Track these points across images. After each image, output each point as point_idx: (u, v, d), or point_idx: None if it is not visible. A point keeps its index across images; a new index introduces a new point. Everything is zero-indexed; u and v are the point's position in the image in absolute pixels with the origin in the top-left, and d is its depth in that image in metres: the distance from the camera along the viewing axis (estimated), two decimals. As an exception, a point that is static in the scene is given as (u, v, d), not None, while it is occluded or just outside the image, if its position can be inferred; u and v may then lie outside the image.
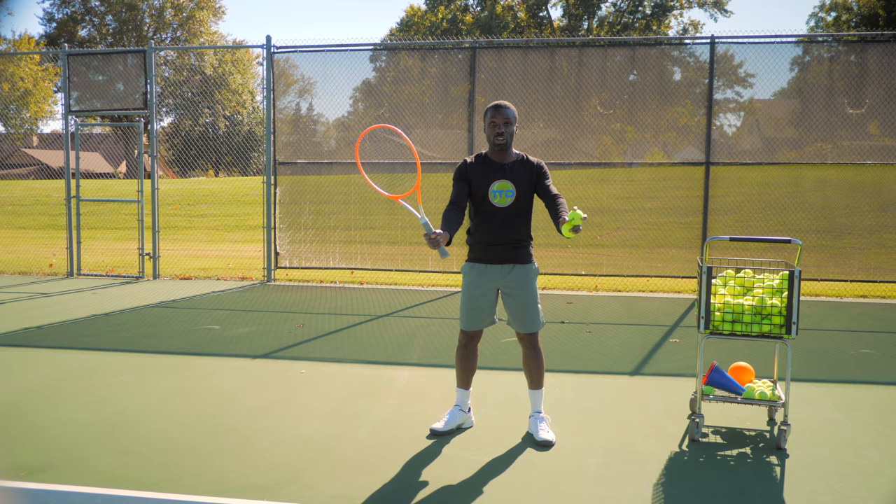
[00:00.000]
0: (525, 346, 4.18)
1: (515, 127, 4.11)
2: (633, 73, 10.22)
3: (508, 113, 4.06)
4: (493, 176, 4.07)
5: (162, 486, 3.49)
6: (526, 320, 4.11)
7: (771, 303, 4.03)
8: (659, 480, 3.62)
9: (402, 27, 48.54)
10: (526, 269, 4.11)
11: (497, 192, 4.05)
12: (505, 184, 4.05)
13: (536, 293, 4.16)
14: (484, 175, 4.07)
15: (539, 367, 4.17)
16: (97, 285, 10.13)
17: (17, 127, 39.12)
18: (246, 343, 6.62)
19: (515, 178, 4.06)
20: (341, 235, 10.61)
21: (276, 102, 10.48)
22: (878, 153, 9.65)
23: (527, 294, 4.09)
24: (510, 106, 4.09)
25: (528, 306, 4.10)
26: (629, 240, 10.60)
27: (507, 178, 4.06)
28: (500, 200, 4.05)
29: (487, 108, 4.11)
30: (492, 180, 4.06)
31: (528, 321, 4.11)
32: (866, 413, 4.70)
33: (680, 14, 47.69)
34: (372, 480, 3.59)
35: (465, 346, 4.24)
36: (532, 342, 4.16)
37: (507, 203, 4.05)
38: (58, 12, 48.33)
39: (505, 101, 4.12)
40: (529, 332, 4.13)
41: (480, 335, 4.27)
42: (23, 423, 4.40)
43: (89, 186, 12.84)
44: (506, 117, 4.04)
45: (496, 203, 4.05)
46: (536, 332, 4.17)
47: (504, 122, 4.04)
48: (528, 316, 4.10)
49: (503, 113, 4.05)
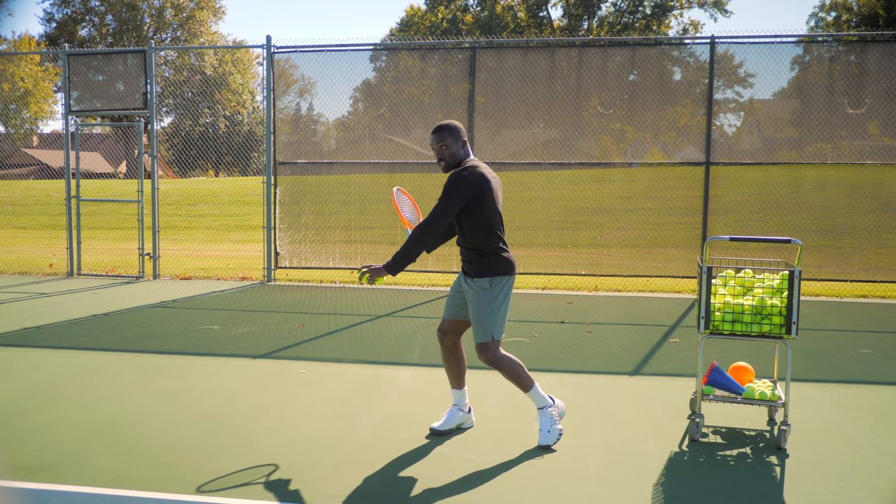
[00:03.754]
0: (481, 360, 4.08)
1: (451, 143, 4.04)
2: (633, 73, 10.22)
3: (441, 136, 4.04)
4: None
5: (163, 486, 3.50)
6: (475, 329, 4.06)
7: (771, 303, 4.03)
8: (659, 480, 3.62)
9: (402, 27, 48.53)
10: (473, 283, 4.05)
11: None
12: None
13: (484, 308, 4.00)
14: None
15: (511, 376, 4.08)
16: (97, 285, 10.13)
17: (17, 127, 39.13)
18: (246, 343, 6.62)
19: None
20: (341, 235, 10.61)
21: (276, 102, 10.48)
22: (878, 153, 9.65)
23: (473, 307, 4.05)
24: (443, 127, 4.06)
25: (474, 318, 4.05)
26: (629, 240, 10.60)
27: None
28: None
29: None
30: None
31: (476, 330, 4.05)
32: (866, 413, 4.70)
33: (680, 14, 47.71)
34: (372, 480, 3.60)
35: (442, 342, 4.25)
36: (486, 356, 4.03)
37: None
38: (58, 12, 48.34)
39: (443, 122, 4.10)
40: (478, 342, 4.05)
41: (456, 331, 4.23)
42: (23, 423, 4.40)
43: (89, 186, 12.84)
44: (440, 141, 4.05)
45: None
46: (485, 344, 4.02)
47: (439, 147, 4.06)
48: (475, 325, 4.05)
49: (434, 137, 4.07)
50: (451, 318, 4.22)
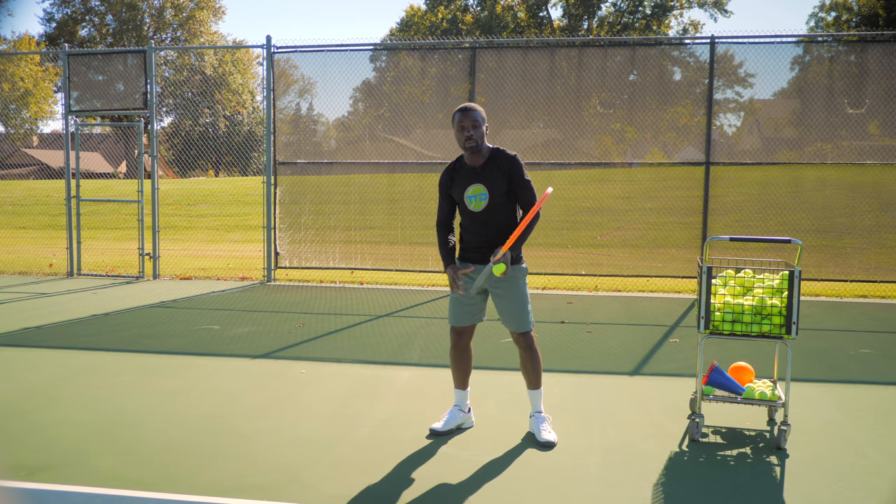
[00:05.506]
0: (519, 347, 4.17)
1: (486, 127, 4.10)
2: (633, 73, 10.21)
3: (476, 115, 4.04)
4: (468, 181, 4.08)
5: (162, 486, 3.49)
6: (514, 320, 4.11)
7: (771, 303, 4.03)
8: (659, 480, 3.62)
9: (402, 27, 48.52)
10: (516, 269, 4.09)
11: (472, 198, 4.06)
12: (478, 188, 4.05)
13: (525, 293, 4.13)
14: (459, 181, 4.11)
15: (535, 368, 4.17)
16: (97, 285, 10.13)
17: (17, 127, 39.11)
18: (246, 343, 6.62)
19: (487, 181, 4.05)
20: (341, 235, 10.61)
21: (276, 102, 10.48)
22: (878, 153, 9.65)
23: (514, 293, 4.08)
24: (477, 108, 4.08)
25: (516, 306, 4.08)
26: (629, 240, 10.60)
27: (480, 182, 4.05)
28: (476, 205, 4.06)
29: (455, 112, 4.10)
30: (466, 185, 4.08)
31: (517, 321, 4.10)
32: (866, 413, 4.70)
33: (680, 14, 47.68)
34: (372, 480, 3.59)
35: (456, 345, 4.24)
36: (526, 342, 4.14)
37: (482, 207, 4.05)
38: (58, 12, 48.32)
39: (471, 104, 4.11)
40: (519, 332, 4.12)
41: (471, 333, 4.26)
42: (23, 423, 4.40)
43: (89, 186, 12.84)
44: (473, 120, 4.03)
45: (472, 208, 4.07)
46: (528, 332, 4.14)
47: (472, 126, 4.03)
48: (515, 315, 4.10)
49: (470, 116, 4.03)
50: (473, 323, 4.24)
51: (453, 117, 4.09)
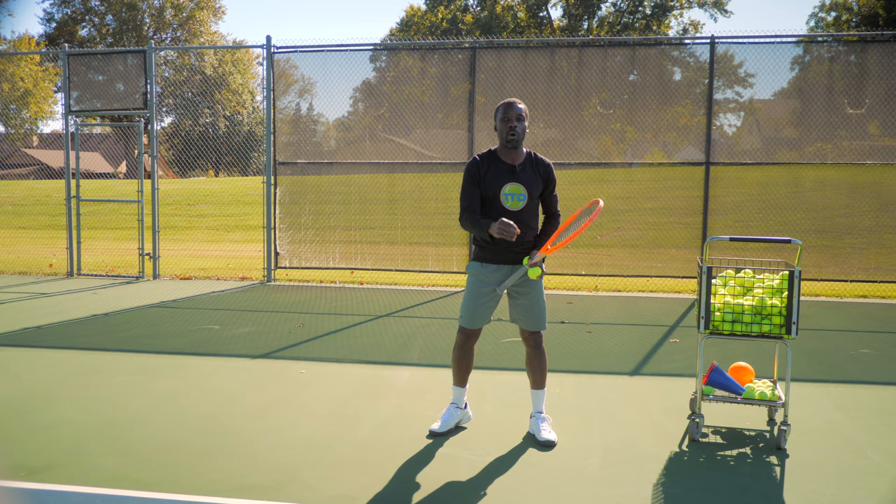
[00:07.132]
0: (530, 346, 4.18)
1: (527, 123, 4.09)
2: (633, 73, 10.21)
3: (521, 109, 4.05)
4: (504, 178, 4.02)
5: (162, 487, 3.49)
6: (536, 319, 4.13)
7: (771, 303, 4.03)
8: (659, 480, 3.62)
9: (402, 27, 48.53)
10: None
11: (509, 195, 4.01)
12: (517, 187, 4.01)
13: (544, 294, 4.18)
14: (494, 176, 4.03)
15: (542, 367, 4.19)
16: (97, 285, 10.13)
17: (17, 127, 39.10)
18: (246, 343, 6.62)
19: (526, 181, 4.03)
20: (341, 235, 10.61)
21: (276, 102, 10.48)
22: (878, 153, 9.65)
23: (537, 294, 4.11)
24: (521, 103, 4.10)
25: (540, 306, 4.12)
26: (629, 240, 10.60)
27: (519, 181, 4.02)
28: (513, 204, 4.01)
29: (499, 105, 4.09)
30: (503, 182, 4.01)
31: (539, 320, 4.13)
32: (866, 413, 4.70)
33: (680, 14, 47.70)
34: (372, 480, 3.59)
35: (463, 345, 4.23)
36: (538, 341, 4.17)
37: (519, 206, 4.02)
38: (58, 12, 48.34)
39: (516, 99, 4.12)
40: (538, 331, 4.15)
41: (479, 335, 4.27)
42: (23, 423, 4.40)
43: (89, 186, 12.84)
44: (518, 113, 4.03)
45: (508, 206, 4.01)
46: (542, 332, 4.18)
47: (517, 118, 4.02)
48: (537, 315, 4.12)
49: (516, 109, 4.03)
50: (484, 325, 4.24)
51: (496, 110, 4.08)
